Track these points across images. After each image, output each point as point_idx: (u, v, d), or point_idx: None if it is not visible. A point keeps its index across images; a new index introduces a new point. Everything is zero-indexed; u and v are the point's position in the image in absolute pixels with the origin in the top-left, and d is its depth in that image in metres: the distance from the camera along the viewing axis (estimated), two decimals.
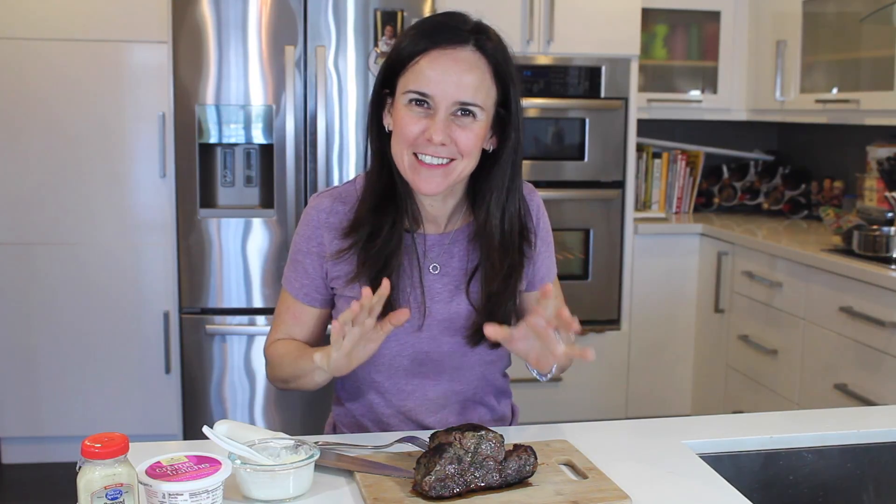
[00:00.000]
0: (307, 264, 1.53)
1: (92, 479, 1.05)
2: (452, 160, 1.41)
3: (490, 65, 1.41)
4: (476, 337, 1.50)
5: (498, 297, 1.49)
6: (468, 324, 1.50)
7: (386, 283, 1.29)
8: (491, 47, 1.41)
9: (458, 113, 1.39)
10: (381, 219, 1.46)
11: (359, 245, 1.46)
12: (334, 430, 1.66)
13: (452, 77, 1.37)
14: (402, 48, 1.41)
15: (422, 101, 1.39)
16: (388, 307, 1.38)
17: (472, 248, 1.52)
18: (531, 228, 1.55)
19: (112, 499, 1.06)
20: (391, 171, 1.47)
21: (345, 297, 1.51)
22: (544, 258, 1.59)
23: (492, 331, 1.32)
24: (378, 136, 1.48)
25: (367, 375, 1.55)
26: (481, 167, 1.47)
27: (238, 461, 1.21)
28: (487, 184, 1.47)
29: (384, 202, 1.47)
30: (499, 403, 1.63)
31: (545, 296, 1.29)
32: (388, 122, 1.46)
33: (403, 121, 1.40)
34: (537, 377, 1.45)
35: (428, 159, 1.40)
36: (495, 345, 1.49)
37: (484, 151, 1.46)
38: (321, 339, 1.60)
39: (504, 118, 1.45)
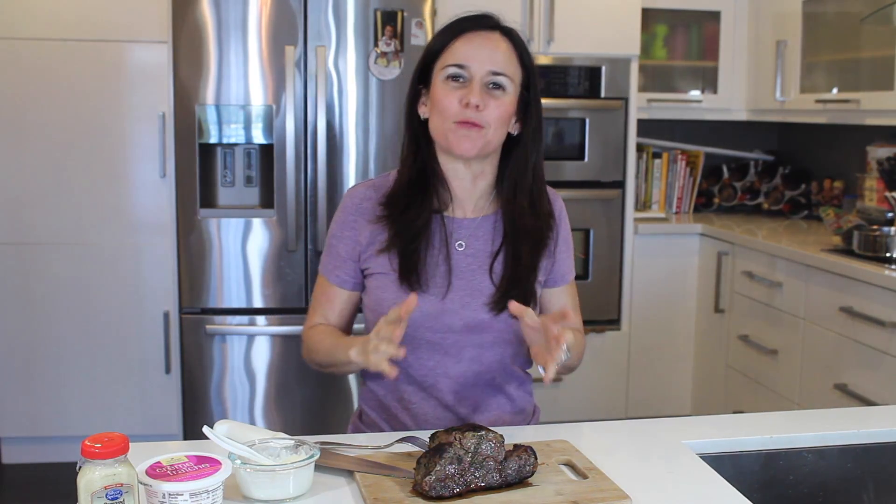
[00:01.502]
0: (340, 248, 1.65)
1: (92, 479, 1.05)
2: (483, 127, 1.55)
3: (516, 49, 1.59)
4: (498, 303, 1.59)
5: (522, 275, 1.60)
6: (488, 298, 1.60)
7: (413, 297, 1.40)
8: (516, 37, 1.60)
9: (491, 86, 1.55)
10: (412, 198, 1.61)
11: (392, 218, 1.60)
12: (360, 418, 1.73)
13: (486, 51, 1.56)
14: (435, 42, 1.60)
15: (458, 74, 1.55)
16: (416, 278, 1.56)
17: (497, 233, 1.63)
18: (554, 219, 1.67)
19: (112, 499, 1.06)
20: (424, 157, 1.62)
21: (374, 274, 1.61)
22: (564, 258, 1.69)
23: (515, 306, 1.44)
24: (411, 125, 1.64)
25: None
26: (507, 153, 1.62)
27: (238, 461, 1.21)
28: (512, 165, 1.62)
29: (416, 184, 1.62)
30: (519, 395, 1.69)
31: (564, 318, 1.40)
32: (422, 111, 1.62)
33: (441, 94, 1.56)
34: (541, 373, 1.49)
35: (465, 123, 1.54)
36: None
37: (509, 135, 1.61)
38: (351, 321, 1.71)
39: (527, 101, 1.60)
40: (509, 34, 1.60)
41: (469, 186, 1.63)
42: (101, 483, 1.05)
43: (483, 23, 1.59)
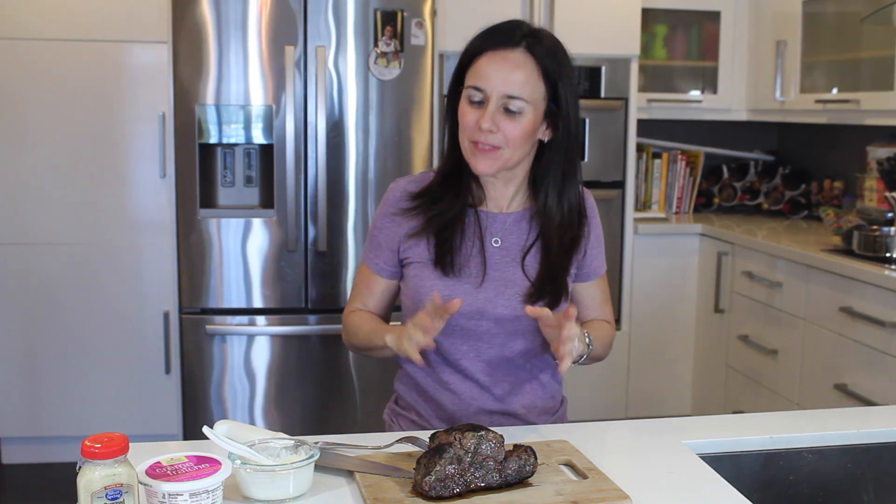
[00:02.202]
0: (381, 239, 1.72)
1: (92, 479, 1.05)
2: (499, 148, 1.59)
3: (539, 65, 1.59)
4: (530, 299, 1.65)
5: (554, 270, 1.66)
6: (523, 291, 1.65)
7: (458, 300, 1.47)
8: (540, 51, 1.59)
9: (507, 107, 1.58)
10: (447, 190, 1.68)
11: (424, 206, 1.68)
12: (396, 402, 1.80)
13: (502, 74, 1.57)
14: (467, 50, 1.64)
15: (478, 96, 1.59)
16: (450, 261, 1.64)
17: (531, 228, 1.69)
18: (585, 217, 1.73)
19: (112, 499, 1.06)
20: (460, 154, 1.66)
21: (411, 263, 1.68)
22: (595, 254, 1.76)
23: (531, 310, 1.52)
24: (451, 124, 1.68)
25: None
26: (540, 156, 1.66)
27: (238, 461, 1.21)
28: (544, 170, 1.66)
29: (452, 178, 1.68)
30: (550, 382, 1.75)
31: (567, 317, 1.50)
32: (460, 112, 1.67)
33: (462, 112, 1.62)
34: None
35: (480, 144, 1.60)
36: (552, 305, 1.64)
37: (542, 142, 1.65)
38: (389, 309, 1.79)
39: (554, 112, 1.62)
40: (533, 49, 1.59)
41: (501, 187, 1.69)
42: (101, 483, 1.05)
43: (506, 40, 1.60)
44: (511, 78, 1.57)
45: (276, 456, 1.26)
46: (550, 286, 1.65)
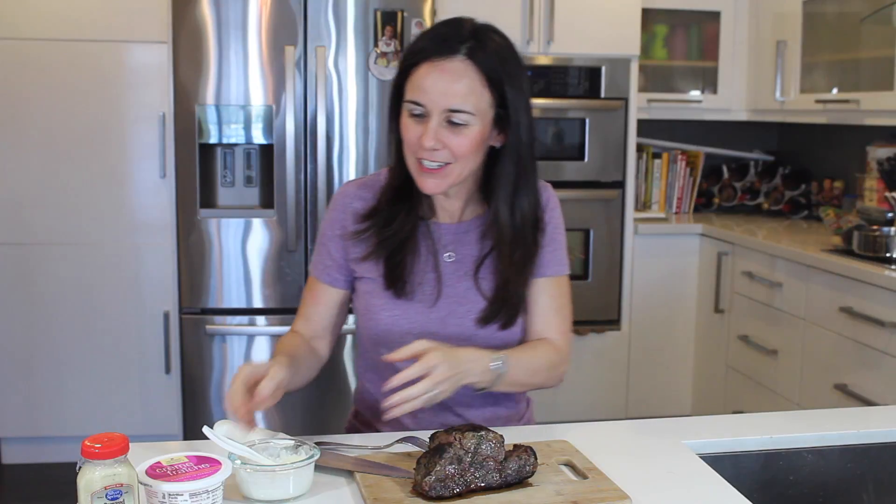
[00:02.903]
0: (331, 247, 1.63)
1: (92, 479, 1.05)
2: (448, 164, 1.49)
3: (481, 72, 1.48)
4: (485, 317, 1.57)
5: (508, 286, 1.57)
6: (475, 308, 1.57)
7: (265, 388, 1.33)
8: (482, 56, 1.48)
9: (451, 120, 1.47)
10: (397, 207, 1.58)
11: (375, 228, 1.58)
12: (356, 416, 1.73)
13: (441, 87, 1.46)
14: (406, 56, 1.53)
15: (416, 110, 1.48)
16: (402, 286, 1.55)
17: (484, 238, 1.60)
18: (541, 220, 1.61)
19: (112, 499, 1.06)
20: (406, 166, 1.57)
21: (363, 278, 1.60)
22: (551, 252, 1.63)
23: (388, 358, 1.40)
24: (397, 136, 1.57)
25: (379, 354, 1.59)
26: (493, 163, 1.56)
27: (238, 461, 1.21)
28: (495, 178, 1.56)
29: (402, 193, 1.58)
30: (510, 398, 1.67)
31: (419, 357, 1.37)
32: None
33: (404, 128, 1.51)
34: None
35: (426, 163, 1.50)
36: (505, 326, 1.57)
37: (494, 148, 1.55)
38: (338, 322, 1.68)
39: (504, 118, 1.52)
40: (474, 54, 1.47)
41: (452, 199, 1.60)
42: (101, 483, 1.05)
43: (444, 48, 1.47)
44: (452, 90, 1.46)
45: (275, 456, 1.26)
46: (503, 304, 1.56)
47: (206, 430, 1.24)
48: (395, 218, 1.58)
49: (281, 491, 1.21)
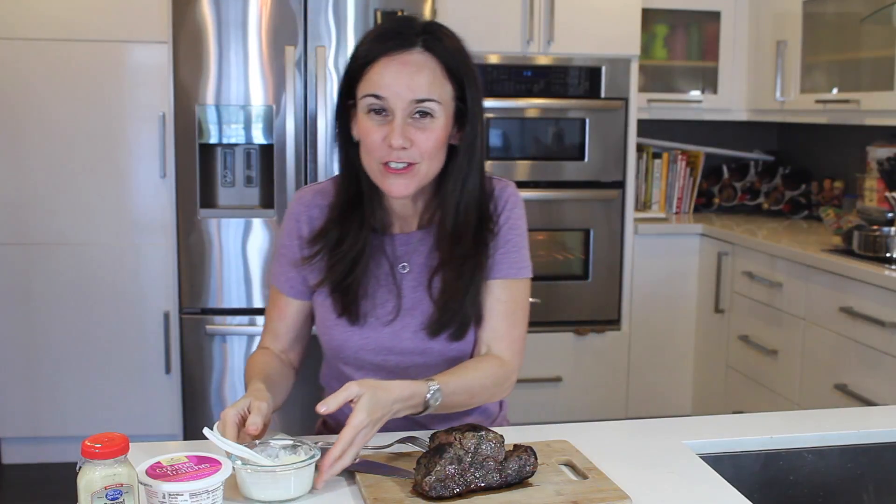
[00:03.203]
0: (289, 256, 1.57)
1: (92, 479, 1.05)
2: (414, 164, 1.44)
3: (440, 63, 1.44)
4: (433, 329, 1.52)
5: (451, 291, 1.51)
6: (426, 317, 1.53)
7: (254, 429, 1.27)
8: (440, 47, 1.44)
9: (417, 115, 1.43)
10: (347, 225, 1.51)
11: (325, 251, 1.52)
12: (324, 423, 1.69)
13: (404, 79, 1.41)
14: (355, 58, 1.46)
15: (380, 107, 1.42)
16: (357, 315, 1.50)
17: (438, 246, 1.54)
18: (492, 223, 1.54)
19: (112, 499, 1.06)
20: (358, 178, 1.51)
21: (317, 303, 1.56)
22: (503, 254, 1.56)
23: (320, 408, 1.28)
24: (346, 146, 1.52)
25: (338, 368, 1.60)
26: (447, 163, 1.50)
27: (238, 462, 1.21)
28: (447, 179, 1.50)
29: (351, 209, 1.52)
30: (483, 412, 1.63)
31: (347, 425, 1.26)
32: (355, 131, 1.49)
33: (366, 131, 1.44)
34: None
35: (393, 164, 1.44)
36: (455, 337, 1.52)
37: (452, 146, 1.49)
38: (306, 333, 1.64)
39: (463, 112, 1.48)
40: (432, 47, 1.43)
41: (410, 205, 1.54)
42: (101, 483, 1.05)
43: (401, 42, 1.42)
44: (416, 82, 1.41)
45: (274, 456, 1.26)
46: (452, 313, 1.50)
47: (206, 431, 1.24)
48: (346, 237, 1.50)
49: (282, 491, 1.21)
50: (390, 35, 1.43)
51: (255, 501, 1.22)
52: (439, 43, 1.44)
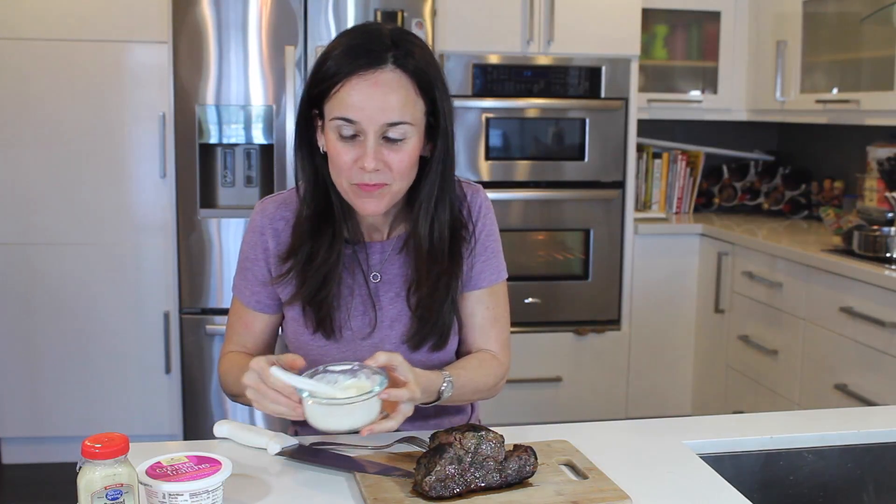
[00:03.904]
0: (255, 270, 1.54)
1: (92, 479, 1.05)
2: (386, 184, 1.41)
3: (412, 80, 1.39)
4: (415, 342, 1.51)
5: (429, 304, 1.50)
6: (406, 329, 1.52)
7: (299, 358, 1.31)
8: (411, 63, 1.39)
9: (389, 135, 1.38)
10: (319, 239, 1.47)
11: (297, 268, 1.48)
12: (296, 434, 1.64)
13: (376, 101, 1.36)
14: (323, 72, 1.40)
15: (349, 131, 1.38)
16: (329, 324, 1.48)
17: (412, 254, 1.52)
18: (468, 232, 1.53)
19: (112, 499, 1.06)
20: (327, 189, 1.47)
21: (288, 317, 1.54)
22: (484, 262, 1.56)
23: (384, 357, 1.30)
24: (310, 156, 1.47)
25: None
26: (419, 174, 1.47)
27: (306, 394, 1.24)
28: (418, 190, 1.47)
29: (321, 221, 1.48)
30: (458, 411, 1.63)
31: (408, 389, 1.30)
32: (321, 141, 1.45)
33: (336, 151, 1.40)
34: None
35: (365, 185, 1.40)
36: (436, 347, 1.52)
37: (423, 158, 1.46)
38: (273, 342, 1.61)
39: (434, 125, 1.44)
40: (403, 63, 1.38)
41: (380, 217, 1.51)
42: (101, 483, 1.05)
43: (371, 59, 1.37)
44: (388, 104, 1.36)
45: (334, 382, 1.28)
46: (432, 325, 1.49)
47: (273, 369, 1.24)
48: (318, 251, 1.46)
49: (350, 421, 1.25)
50: (360, 52, 1.37)
51: (329, 432, 1.27)
52: (410, 58, 1.39)
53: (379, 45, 1.38)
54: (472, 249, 1.54)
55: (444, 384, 1.41)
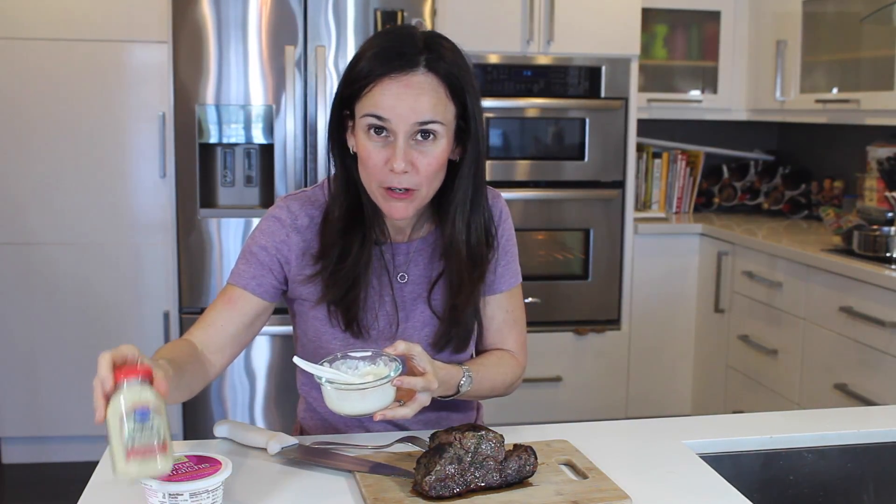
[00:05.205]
0: (263, 257, 1.49)
1: (117, 402, 1.05)
2: (415, 190, 1.41)
3: (444, 83, 1.40)
4: (439, 344, 1.52)
5: (462, 308, 1.51)
6: (430, 331, 1.53)
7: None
8: (443, 67, 1.40)
9: (419, 136, 1.39)
10: (350, 238, 1.47)
11: (328, 269, 1.47)
12: (302, 433, 1.65)
13: (408, 102, 1.37)
14: (356, 73, 1.40)
15: (381, 127, 1.38)
16: (357, 324, 1.48)
17: (436, 257, 1.53)
18: (492, 237, 1.55)
19: (141, 419, 1.05)
20: (357, 190, 1.47)
21: (311, 315, 1.53)
22: (504, 266, 1.58)
23: (404, 346, 1.32)
24: (342, 157, 1.47)
25: None
26: (447, 178, 1.47)
27: (324, 380, 1.27)
28: (452, 196, 1.47)
29: (351, 222, 1.48)
30: (466, 406, 1.64)
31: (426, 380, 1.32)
32: (351, 143, 1.46)
33: (366, 151, 1.40)
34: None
35: (394, 189, 1.41)
36: (457, 350, 1.54)
37: (451, 162, 1.46)
38: (247, 337, 1.52)
39: (464, 129, 1.45)
40: (435, 67, 1.39)
41: (408, 218, 1.50)
42: (129, 403, 1.05)
43: (403, 62, 1.38)
44: (419, 105, 1.37)
45: (354, 368, 1.32)
46: (457, 326, 1.51)
47: (296, 359, 1.31)
48: (349, 252, 1.46)
49: (366, 405, 1.28)
50: (392, 55, 1.38)
51: (348, 415, 1.29)
52: (441, 61, 1.39)
53: (411, 47, 1.39)
54: (495, 254, 1.55)
55: (464, 378, 1.43)
